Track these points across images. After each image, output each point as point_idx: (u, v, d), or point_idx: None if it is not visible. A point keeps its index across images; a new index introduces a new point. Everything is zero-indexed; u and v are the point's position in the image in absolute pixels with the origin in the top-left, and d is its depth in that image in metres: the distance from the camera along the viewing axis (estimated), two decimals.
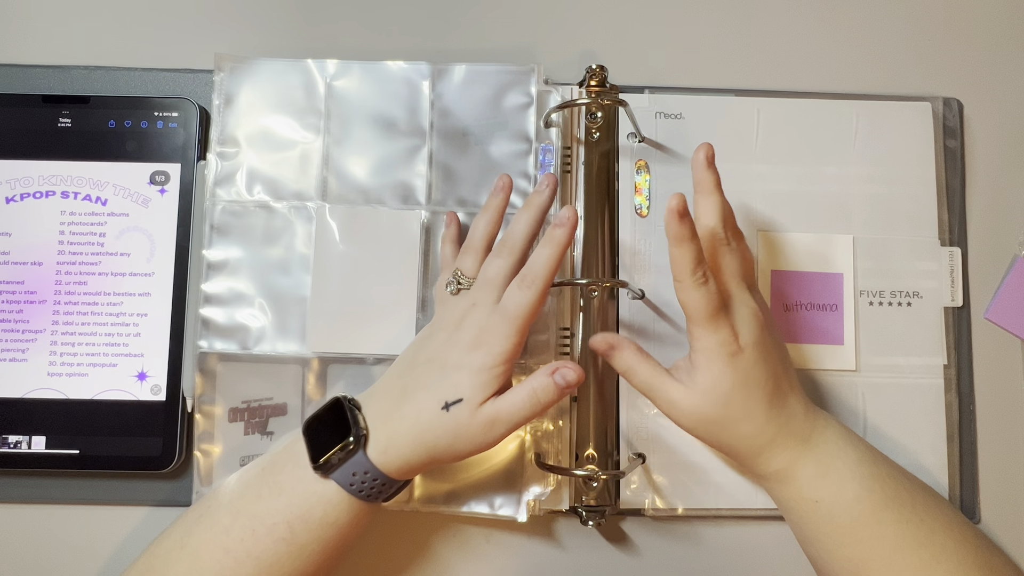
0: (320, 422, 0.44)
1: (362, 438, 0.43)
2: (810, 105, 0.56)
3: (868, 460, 0.45)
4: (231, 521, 0.43)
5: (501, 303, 0.44)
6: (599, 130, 0.54)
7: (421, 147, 0.54)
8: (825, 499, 0.44)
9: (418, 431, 0.43)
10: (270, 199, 0.53)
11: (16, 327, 0.52)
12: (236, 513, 0.43)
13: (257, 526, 0.43)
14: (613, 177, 0.54)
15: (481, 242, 0.48)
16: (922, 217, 0.55)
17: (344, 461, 0.42)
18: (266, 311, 0.52)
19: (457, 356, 0.44)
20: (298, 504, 0.43)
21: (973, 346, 0.55)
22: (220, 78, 0.53)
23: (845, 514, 0.44)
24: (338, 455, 0.42)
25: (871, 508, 0.43)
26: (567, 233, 0.45)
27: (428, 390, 0.43)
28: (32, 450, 0.51)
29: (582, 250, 0.53)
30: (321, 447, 0.43)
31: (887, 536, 0.43)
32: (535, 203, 0.48)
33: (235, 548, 0.42)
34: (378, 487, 0.43)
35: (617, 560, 0.52)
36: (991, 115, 0.57)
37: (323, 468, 0.42)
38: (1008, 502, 0.54)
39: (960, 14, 0.59)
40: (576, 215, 0.45)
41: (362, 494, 0.43)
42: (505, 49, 0.57)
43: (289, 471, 0.43)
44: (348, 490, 0.43)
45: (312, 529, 0.43)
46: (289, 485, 0.43)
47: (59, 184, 0.53)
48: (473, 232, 0.49)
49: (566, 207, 0.45)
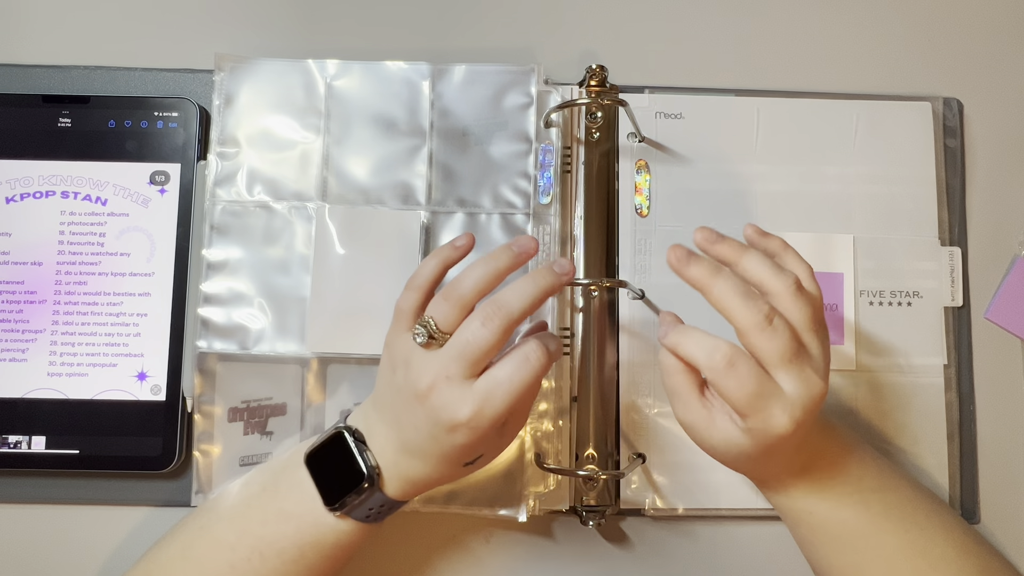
0: (325, 457, 0.43)
1: (376, 480, 0.42)
2: (810, 105, 0.56)
3: (872, 473, 0.44)
4: (236, 540, 0.43)
5: (477, 385, 0.39)
6: (599, 130, 0.54)
7: (421, 147, 0.54)
8: (820, 511, 0.44)
9: (437, 477, 0.43)
10: (270, 199, 0.53)
11: (16, 327, 0.52)
12: (241, 533, 0.43)
13: (265, 549, 0.42)
14: (613, 177, 0.54)
15: (470, 296, 0.41)
16: (922, 217, 0.55)
17: (362, 504, 0.42)
18: (266, 311, 0.52)
19: (444, 435, 0.40)
20: (309, 532, 0.43)
21: (973, 346, 0.55)
22: (220, 78, 0.53)
23: (842, 525, 0.43)
24: (353, 498, 0.42)
25: (869, 519, 0.43)
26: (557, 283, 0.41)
27: (441, 460, 0.41)
28: (32, 450, 0.51)
29: (582, 250, 0.53)
30: (332, 487, 0.42)
31: (886, 545, 0.43)
32: (545, 281, 0.41)
33: (242, 567, 0.42)
34: (391, 511, 0.44)
35: (617, 560, 0.52)
36: (991, 115, 0.57)
37: (338, 509, 0.42)
38: (1008, 502, 0.54)
39: (960, 14, 0.58)
40: (574, 270, 0.42)
41: (375, 520, 0.44)
42: (505, 49, 0.57)
43: (295, 500, 0.43)
44: (363, 521, 0.43)
45: (323, 552, 0.43)
46: (298, 514, 0.43)
47: (59, 184, 0.53)
48: (462, 280, 0.41)
49: (559, 261, 0.42)
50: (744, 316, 0.38)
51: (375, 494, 0.42)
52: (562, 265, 0.41)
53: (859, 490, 0.44)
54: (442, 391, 0.39)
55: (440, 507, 0.51)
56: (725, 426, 0.40)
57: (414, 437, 0.41)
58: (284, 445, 0.51)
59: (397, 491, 0.43)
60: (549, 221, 0.53)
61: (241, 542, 0.43)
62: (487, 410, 0.39)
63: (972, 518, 0.53)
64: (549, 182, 0.53)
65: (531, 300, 0.40)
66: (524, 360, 0.39)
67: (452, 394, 0.39)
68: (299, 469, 0.43)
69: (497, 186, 0.53)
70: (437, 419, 0.40)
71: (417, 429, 0.41)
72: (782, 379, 0.38)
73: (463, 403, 0.39)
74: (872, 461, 0.46)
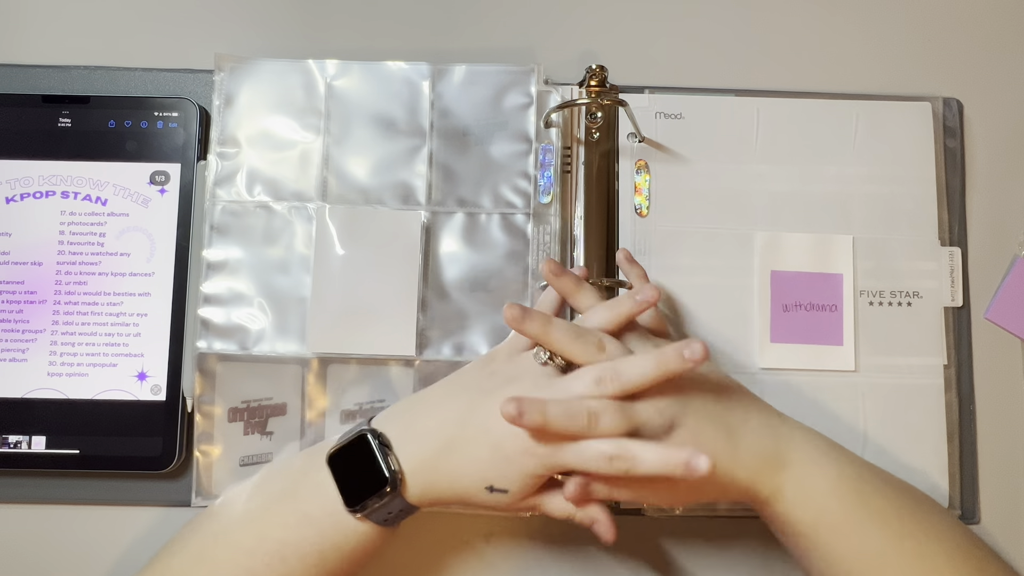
0: (348, 458, 0.43)
1: (399, 485, 0.42)
2: (810, 105, 0.56)
3: (850, 474, 0.44)
4: (255, 545, 0.43)
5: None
6: (599, 130, 0.54)
7: (421, 147, 0.54)
8: (809, 519, 0.43)
9: (458, 490, 0.43)
10: (270, 199, 0.53)
11: (16, 327, 0.52)
12: (261, 538, 0.43)
13: (288, 554, 0.42)
14: (613, 177, 0.54)
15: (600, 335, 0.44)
16: (922, 217, 0.55)
17: (382, 508, 0.42)
18: (266, 311, 0.52)
19: (512, 450, 0.41)
20: (330, 536, 0.43)
21: (973, 346, 0.55)
22: (220, 78, 0.53)
23: (831, 532, 0.43)
24: (374, 501, 0.42)
25: (855, 525, 0.43)
26: (683, 367, 0.41)
27: (475, 464, 0.42)
28: (32, 450, 0.51)
29: (582, 250, 0.53)
30: (354, 489, 0.42)
31: (874, 552, 0.43)
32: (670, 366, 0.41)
33: (262, 572, 0.42)
34: (408, 515, 0.44)
35: (617, 560, 0.52)
36: (991, 115, 0.57)
37: (359, 511, 0.42)
38: (1008, 502, 0.54)
39: (960, 14, 0.58)
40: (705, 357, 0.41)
41: (393, 524, 0.44)
42: (505, 49, 0.57)
43: (318, 504, 0.43)
44: (382, 525, 0.43)
45: (344, 556, 0.43)
46: (318, 518, 0.43)
47: (59, 184, 0.53)
48: (591, 319, 0.45)
49: (692, 346, 0.41)
50: (581, 353, 0.43)
51: (396, 498, 0.42)
52: (694, 351, 0.41)
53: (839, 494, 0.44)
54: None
55: (441, 507, 0.50)
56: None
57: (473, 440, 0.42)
58: (284, 446, 0.51)
59: (416, 499, 0.43)
60: (549, 221, 0.53)
61: (260, 547, 0.42)
62: (516, 514, 0.42)
63: (972, 518, 0.53)
64: (549, 182, 0.53)
65: (648, 381, 0.41)
66: (566, 510, 0.43)
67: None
68: (320, 471, 0.43)
69: (497, 186, 0.53)
70: (521, 432, 0.41)
71: (487, 431, 0.42)
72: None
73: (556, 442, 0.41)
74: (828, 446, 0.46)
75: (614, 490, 0.43)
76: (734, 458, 0.43)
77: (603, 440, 0.40)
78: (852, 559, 0.43)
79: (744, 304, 0.53)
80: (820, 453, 0.45)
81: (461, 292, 0.52)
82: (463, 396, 0.44)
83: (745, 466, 0.43)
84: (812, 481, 0.44)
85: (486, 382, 0.44)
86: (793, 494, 0.43)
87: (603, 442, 0.40)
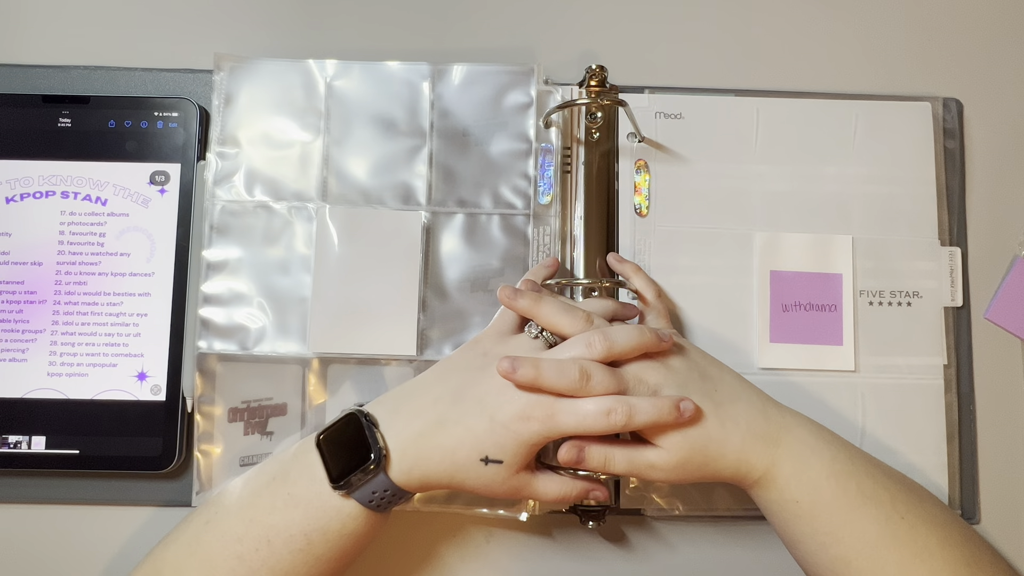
0: (336, 437, 0.44)
1: (383, 460, 0.43)
2: (810, 105, 0.56)
3: (843, 457, 0.45)
4: (244, 530, 0.43)
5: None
6: (599, 130, 0.54)
7: (421, 147, 0.54)
8: (804, 499, 0.44)
9: (449, 465, 0.43)
10: (270, 199, 0.53)
11: (16, 327, 0.52)
12: (249, 522, 0.43)
13: (273, 537, 0.42)
14: (613, 177, 0.54)
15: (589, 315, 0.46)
16: (922, 217, 0.55)
17: (365, 483, 0.42)
18: (266, 311, 0.52)
19: (508, 416, 0.42)
20: (316, 517, 0.43)
21: (973, 346, 0.55)
22: (220, 78, 0.53)
23: (825, 513, 0.43)
24: (359, 476, 0.42)
25: (849, 506, 0.43)
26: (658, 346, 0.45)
27: (470, 434, 0.43)
28: (32, 450, 0.51)
29: (582, 250, 0.53)
30: (339, 466, 0.43)
31: (868, 533, 0.43)
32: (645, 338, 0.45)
33: (250, 557, 0.42)
34: (395, 500, 0.44)
35: (617, 560, 0.52)
36: (991, 115, 0.57)
37: (343, 488, 0.42)
38: (1008, 502, 0.54)
39: (960, 14, 0.59)
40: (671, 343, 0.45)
41: (379, 508, 0.44)
42: (505, 49, 0.57)
43: (304, 484, 0.43)
44: (367, 506, 0.43)
45: (329, 540, 0.43)
46: (305, 499, 0.43)
47: (59, 184, 0.53)
48: (587, 303, 0.49)
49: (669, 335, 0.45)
50: (569, 324, 0.45)
51: (380, 475, 0.42)
52: (665, 336, 0.45)
53: (833, 474, 0.44)
54: None
55: (441, 506, 0.51)
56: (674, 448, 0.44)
57: (468, 413, 0.43)
58: (284, 445, 0.51)
59: (403, 478, 0.43)
60: (549, 221, 0.53)
61: (249, 532, 0.43)
62: (509, 497, 0.44)
63: (972, 518, 0.53)
64: (549, 182, 0.54)
65: (633, 346, 0.44)
66: (562, 494, 0.45)
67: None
68: (309, 454, 0.44)
69: (497, 186, 0.53)
70: (515, 399, 0.42)
71: (481, 403, 0.43)
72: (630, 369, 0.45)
73: (553, 408, 0.42)
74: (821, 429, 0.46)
75: (608, 459, 0.44)
76: (722, 428, 0.44)
77: (599, 397, 0.42)
78: (847, 540, 0.43)
79: (743, 304, 0.53)
80: (812, 435, 0.45)
81: (461, 292, 0.52)
82: (455, 376, 0.45)
83: (734, 441, 0.44)
84: (807, 461, 0.44)
85: (477, 361, 0.45)
86: (788, 472, 0.44)
87: (599, 398, 0.42)
